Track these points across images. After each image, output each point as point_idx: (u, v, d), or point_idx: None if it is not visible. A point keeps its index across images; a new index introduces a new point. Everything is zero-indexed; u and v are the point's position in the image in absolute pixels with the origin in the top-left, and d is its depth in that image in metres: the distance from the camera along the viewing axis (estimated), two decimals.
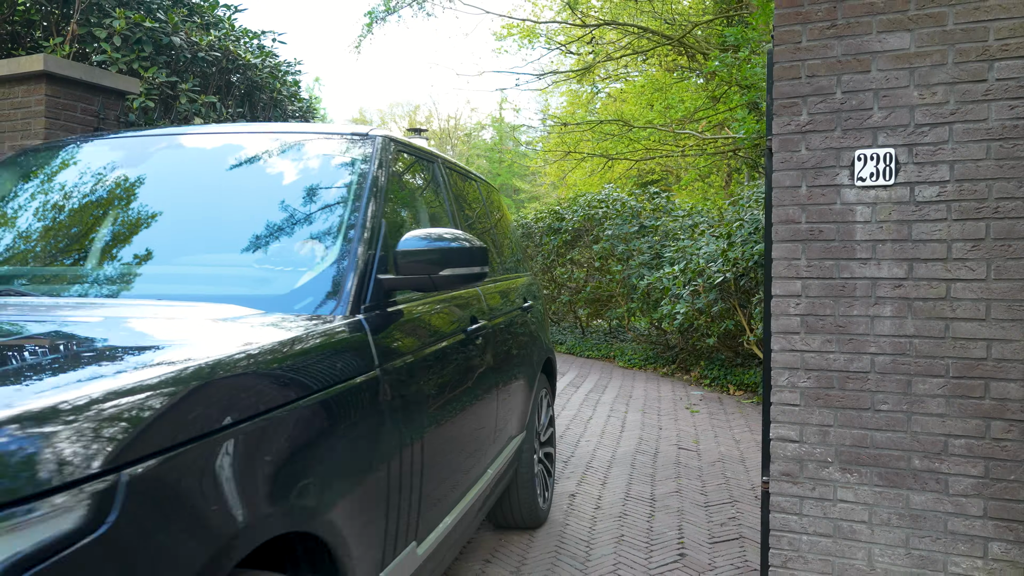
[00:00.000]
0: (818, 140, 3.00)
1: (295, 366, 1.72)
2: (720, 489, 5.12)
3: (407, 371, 2.29)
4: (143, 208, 2.55)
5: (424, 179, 3.27)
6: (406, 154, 3.04)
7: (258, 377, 1.59)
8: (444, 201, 3.40)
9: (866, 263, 2.93)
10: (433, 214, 3.24)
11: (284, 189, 2.54)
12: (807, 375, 3.01)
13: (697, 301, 8.69)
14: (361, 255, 2.25)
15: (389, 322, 2.29)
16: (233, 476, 1.41)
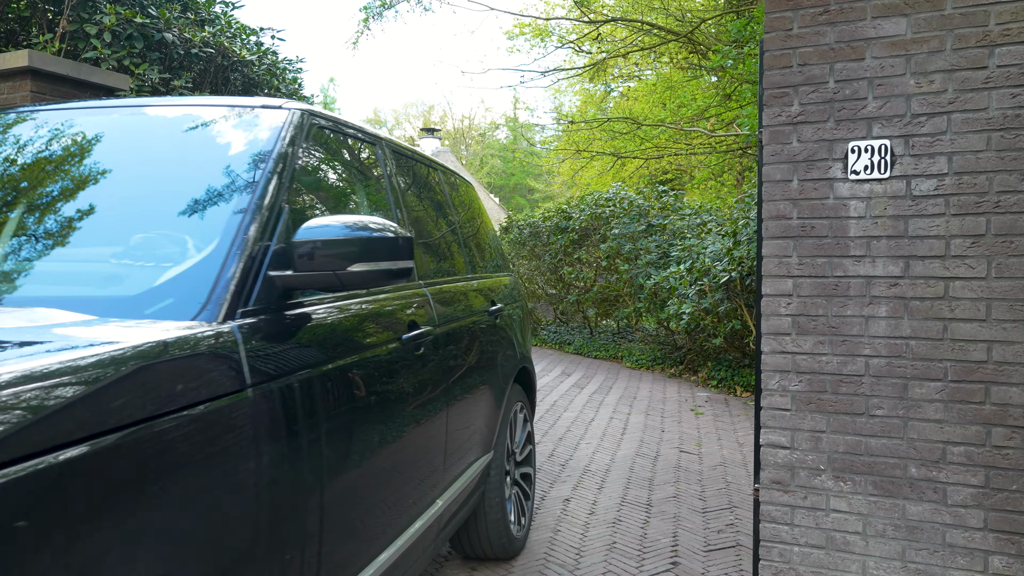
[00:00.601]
0: (810, 132, 2.86)
1: (95, 394, 1.26)
2: (719, 494, 4.98)
3: (302, 390, 1.84)
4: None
5: (359, 163, 2.81)
6: (332, 132, 2.60)
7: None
8: (385, 190, 2.91)
9: (860, 261, 2.79)
10: (371, 204, 2.77)
11: (162, 169, 2.17)
12: (799, 378, 2.87)
13: (703, 301, 8.53)
14: (247, 247, 1.83)
15: (282, 330, 1.86)
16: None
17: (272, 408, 1.71)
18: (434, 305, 2.93)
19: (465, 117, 68.61)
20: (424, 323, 2.75)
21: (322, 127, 2.50)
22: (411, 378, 2.54)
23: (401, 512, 2.44)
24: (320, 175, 2.48)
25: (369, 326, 2.37)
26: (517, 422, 4.12)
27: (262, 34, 7.79)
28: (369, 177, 2.86)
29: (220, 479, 1.50)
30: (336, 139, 2.64)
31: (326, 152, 2.54)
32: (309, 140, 2.35)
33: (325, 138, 2.53)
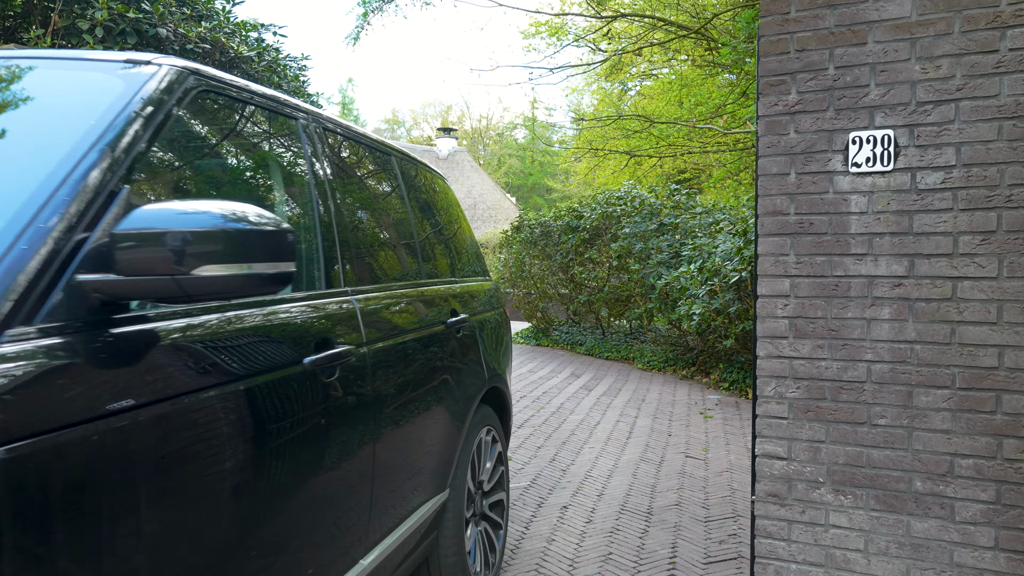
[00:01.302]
0: (808, 122, 2.68)
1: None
2: (724, 503, 4.79)
3: (96, 449, 1.28)
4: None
5: (271, 142, 2.26)
6: (230, 99, 2.04)
7: None
8: (306, 177, 2.34)
9: (862, 259, 2.61)
10: (281, 194, 2.24)
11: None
12: (796, 384, 2.70)
13: (714, 301, 8.33)
14: (43, 240, 1.33)
15: (91, 358, 1.32)
16: None
17: (42, 466, 1.18)
18: (363, 319, 2.36)
19: (483, 117, 68.59)
20: (345, 341, 2.21)
21: (214, 91, 1.95)
22: (317, 412, 1.99)
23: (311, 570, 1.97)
24: (202, 153, 1.94)
25: (251, 347, 1.79)
26: (485, 452, 3.54)
27: (263, 31, 7.68)
28: (283, 160, 2.29)
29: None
30: (238, 109, 2.09)
31: (218, 124, 2.01)
32: (189, 106, 1.84)
33: (219, 106, 2.00)
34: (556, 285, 14.07)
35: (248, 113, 2.15)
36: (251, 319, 1.83)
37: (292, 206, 2.27)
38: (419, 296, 3.00)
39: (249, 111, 2.15)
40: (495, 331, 3.92)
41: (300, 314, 2.06)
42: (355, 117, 71.48)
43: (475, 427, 3.35)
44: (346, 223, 2.51)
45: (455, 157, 45.66)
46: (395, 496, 2.51)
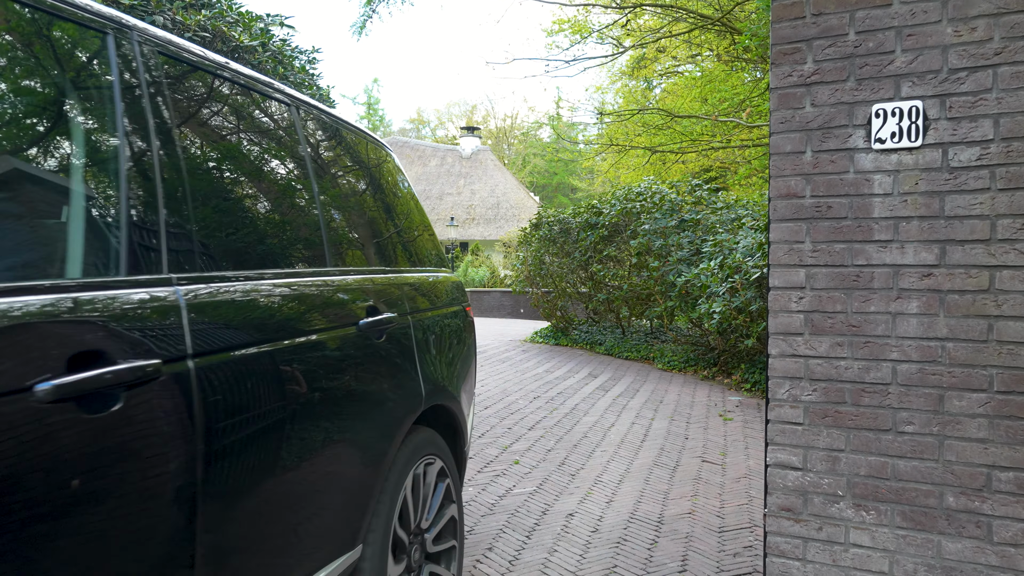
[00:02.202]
0: (826, 94, 2.41)
1: None
2: (740, 511, 4.51)
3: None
4: None
5: (66, 66, 1.61)
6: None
7: None
8: (111, 111, 1.67)
9: (886, 247, 2.33)
10: (79, 136, 1.59)
11: None
12: (812, 387, 2.42)
13: (735, 299, 8.02)
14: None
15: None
16: None
17: None
18: (191, 320, 1.68)
19: (508, 116, 68.46)
20: (138, 355, 1.50)
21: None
22: (65, 472, 1.31)
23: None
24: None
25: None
26: (424, 487, 2.79)
27: (270, 21, 7.49)
28: (75, 87, 1.62)
29: None
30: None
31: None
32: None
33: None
34: (575, 283, 13.79)
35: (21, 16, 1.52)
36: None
37: (76, 152, 1.57)
38: (310, 289, 2.22)
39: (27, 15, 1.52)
40: (446, 335, 3.21)
41: (48, 313, 1.35)
42: (380, 117, 71.67)
43: (406, 459, 2.59)
44: (177, 183, 1.79)
45: (478, 156, 45.50)
46: (253, 562, 1.82)
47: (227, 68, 2.17)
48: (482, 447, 6.01)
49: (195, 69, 2.04)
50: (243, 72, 2.27)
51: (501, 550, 3.88)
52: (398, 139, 50.31)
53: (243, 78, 2.25)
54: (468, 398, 3.50)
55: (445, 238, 38.59)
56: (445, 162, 46.10)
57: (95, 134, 1.63)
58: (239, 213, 2.10)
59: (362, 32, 11.90)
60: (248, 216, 2.14)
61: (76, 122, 1.59)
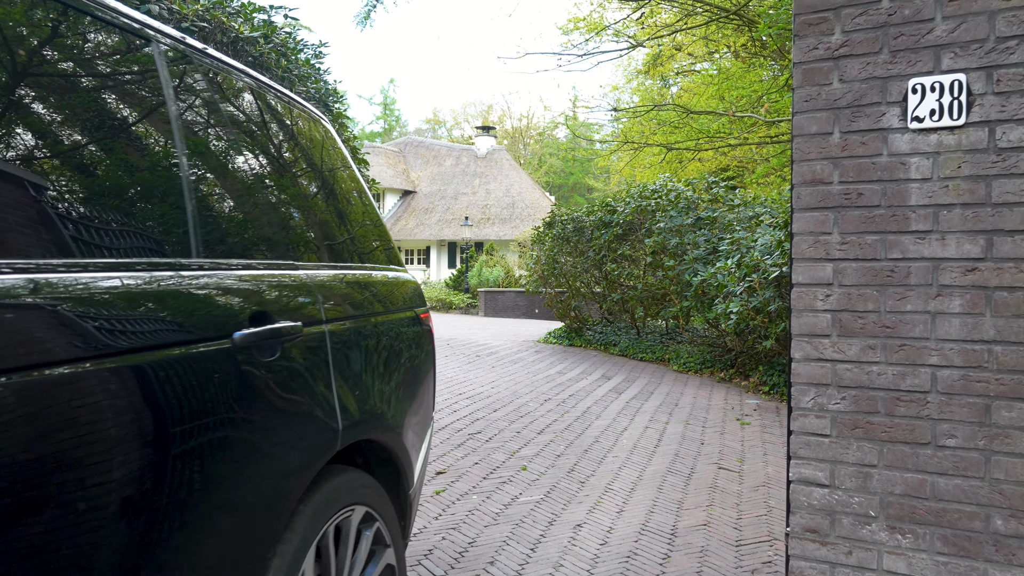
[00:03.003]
0: (856, 68, 2.16)
1: None
2: (759, 523, 4.25)
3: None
4: None
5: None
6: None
7: None
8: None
9: (925, 238, 2.08)
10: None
11: None
12: (841, 394, 2.17)
13: (753, 299, 7.75)
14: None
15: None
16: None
17: None
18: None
19: (523, 116, 68.30)
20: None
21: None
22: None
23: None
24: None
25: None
26: (343, 548, 2.15)
27: (273, 13, 7.30)
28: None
29: None
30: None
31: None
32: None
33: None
34: (589, 283, 13.55)
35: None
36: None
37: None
38: (144, 288, 1.53)
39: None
40: (386, 350, 2.59)
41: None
42: (396, 117, 71.66)
43: (313, 515, 1.95)
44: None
45: (493, 156, 45.31)
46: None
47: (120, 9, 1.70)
48: (489, 452, 5.78)
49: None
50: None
51: (504, 564, 3.65)
52: (413, 139, 50.22)
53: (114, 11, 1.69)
54: (419, 428, 2.87)
55: (460, 238, 38.40)
56: (460, 162, 45.94)
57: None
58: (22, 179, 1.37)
59: (367, 22, 11.72)
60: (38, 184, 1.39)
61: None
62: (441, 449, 5.86)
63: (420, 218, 43.27)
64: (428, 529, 4.10)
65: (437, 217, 42.86)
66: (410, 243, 43.83)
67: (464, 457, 5.63)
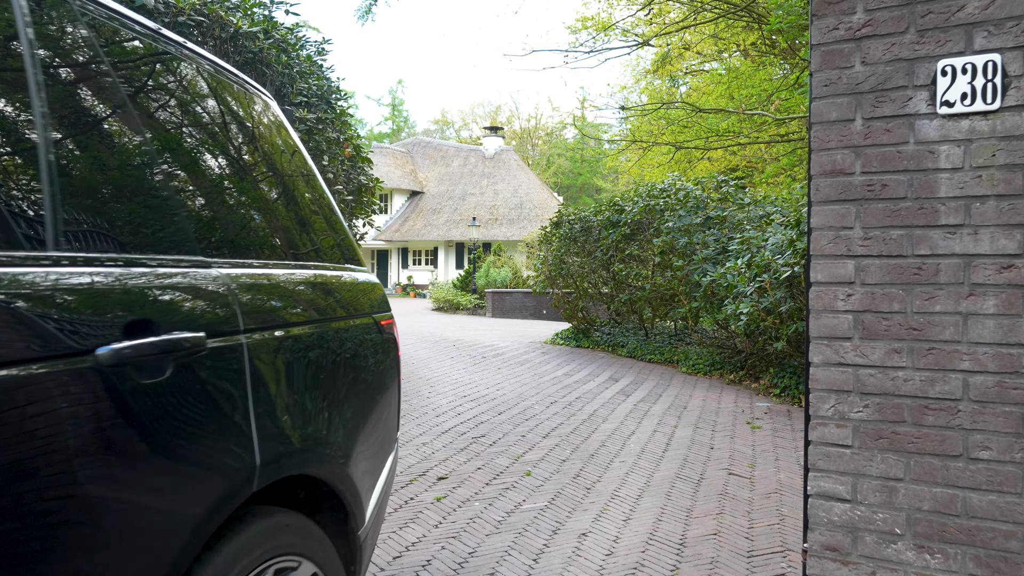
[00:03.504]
0: (880, 49, 2.00)
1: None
2: (772, 532, 4.08)
3: None
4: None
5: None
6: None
7: None
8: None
9: (956, 233, 1.92)
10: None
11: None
12: (863, 402, 2.01)
13: (763, 299, 7.58)
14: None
15: None
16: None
17: None
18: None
19: (532, 117, 68.18)
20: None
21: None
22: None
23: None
24: None
25: None
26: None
27: (274, 8, 7.17)
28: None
29: None
30: None
31: None
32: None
33: None
34: (597, 283, 13.39)
35: None
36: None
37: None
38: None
39: None
40: (331, 364, 2.16)
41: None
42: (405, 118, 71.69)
43: (228, 568, 1.60)
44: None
45: (501, 156, 45.18)
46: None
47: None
48: (493, 456, 5.63)
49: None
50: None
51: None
52: (421, 139, 50.15)
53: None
54: (375, 456, 2.45)
55: (467, 238, 38.29)
56: (468, 162, 45.84)
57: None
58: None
59: (367, 16, 11.57)
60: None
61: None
62: (444, 453, 5.71)
63: (428, 219, 43.18)
64: (427, 538, 3.95)
65: (445, 218, 42.75)
66: (418, 244, 43.73)
67: (467, 462, 5.48)
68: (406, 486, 4.87)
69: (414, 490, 4.79)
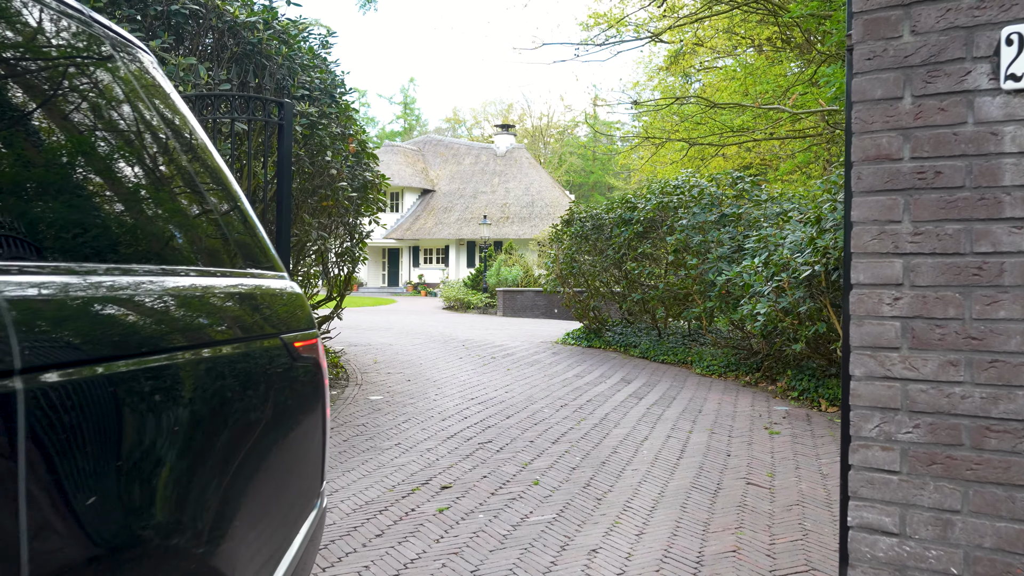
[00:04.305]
0: (933, 16, 1.74)
1: None
2: (795, 549, 3.82)
3: None
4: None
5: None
6: None
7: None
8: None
9: (1022, 227, 1.65)
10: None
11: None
12: (913, 421, 1.75)
13: (781, 299, 7.30)
14: None
15: None
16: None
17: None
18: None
19: (543, 115, 67.91)
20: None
21: None
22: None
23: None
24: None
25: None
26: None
27: None
28: None
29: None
30: None
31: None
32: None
33: None
34: (608, 282, 13.14)
35: None
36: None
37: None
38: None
39: None
40: (207, 409, 1.53)
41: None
42: (417, 116, 71.59)
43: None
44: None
45: (513, 154, 44.94)
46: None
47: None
48: (499, 463, 5.39)
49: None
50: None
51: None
52: (432, 137, 49.99)
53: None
54: (271, 540, 1.81)
55: (479, 237, 38.05)
56: (479, 160, 45.63)
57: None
58: None
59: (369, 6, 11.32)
60: None
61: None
62: (448, 460, 5.47)
63: (439, 217, 42.99)
64: (427, 554, 3.71)
65: (456, 216, 42.55)
66: (429, 242, 43.55)
67: (472, 469, 5.24)
68: (408, 496, 4.63)
69: (416, 500, 4.55)
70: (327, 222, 8.29)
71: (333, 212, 8.17)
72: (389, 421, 6.84)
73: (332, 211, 8.12)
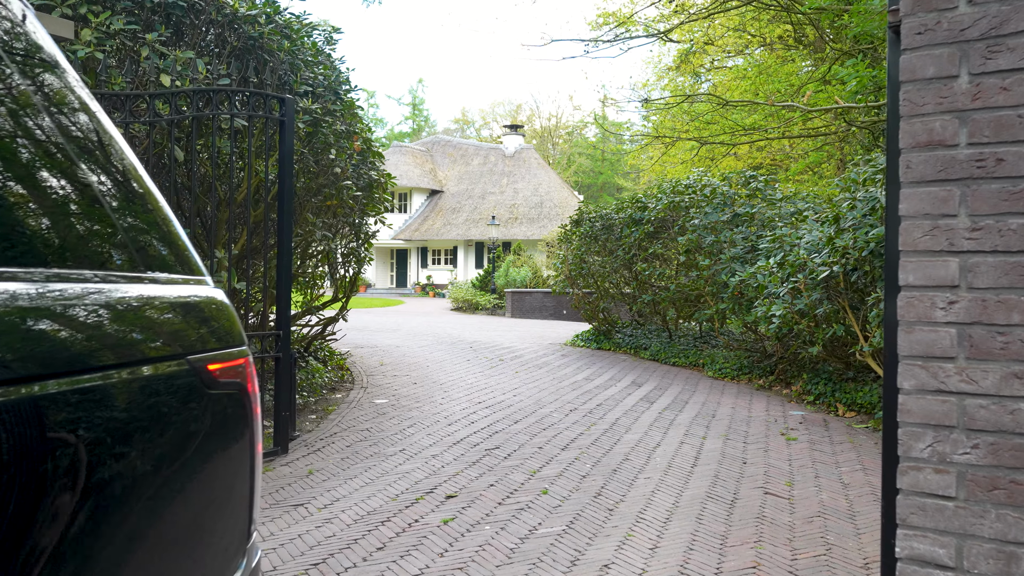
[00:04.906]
0: None
1: None
2: (818, 565, 3.62)
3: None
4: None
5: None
6: None
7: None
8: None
9: None
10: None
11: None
12: (972, 441, 1.55)
13: (797, 301, 7.09)
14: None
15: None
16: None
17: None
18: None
19: (552, 116, 67.74)
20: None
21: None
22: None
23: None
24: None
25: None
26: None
27: None
28: None
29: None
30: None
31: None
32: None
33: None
34: (618, 283, 12.94)
35: None
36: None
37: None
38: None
39: None
40: (49, 469, 1.10)
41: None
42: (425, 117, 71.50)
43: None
44: None
45: (521, 154, 44.77)
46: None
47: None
48: (507, 471, 5.20)
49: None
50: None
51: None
52: (441, 138, 49.86)
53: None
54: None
55: (487, 237, 37.87)
56: (488, 161, 45.48)
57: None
58: None
59: None
60: None
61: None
62: (454, 467, 5.29)
63: (447, 218, 42.85)
64: (430, 570, 3.53)
65: (464, 217, 42.40)
66: (437, 243, 43.40)
67: (479, 477, 5.05)
68: (411, 506, 4.45)
69: (420, 510, 4.37)
70: (332, 222, 8.11)
71: (338, 212, 8.00)
72: (394, 426, 6.66)
73: (337, 211, 7.95)
